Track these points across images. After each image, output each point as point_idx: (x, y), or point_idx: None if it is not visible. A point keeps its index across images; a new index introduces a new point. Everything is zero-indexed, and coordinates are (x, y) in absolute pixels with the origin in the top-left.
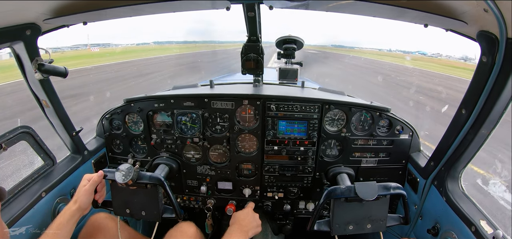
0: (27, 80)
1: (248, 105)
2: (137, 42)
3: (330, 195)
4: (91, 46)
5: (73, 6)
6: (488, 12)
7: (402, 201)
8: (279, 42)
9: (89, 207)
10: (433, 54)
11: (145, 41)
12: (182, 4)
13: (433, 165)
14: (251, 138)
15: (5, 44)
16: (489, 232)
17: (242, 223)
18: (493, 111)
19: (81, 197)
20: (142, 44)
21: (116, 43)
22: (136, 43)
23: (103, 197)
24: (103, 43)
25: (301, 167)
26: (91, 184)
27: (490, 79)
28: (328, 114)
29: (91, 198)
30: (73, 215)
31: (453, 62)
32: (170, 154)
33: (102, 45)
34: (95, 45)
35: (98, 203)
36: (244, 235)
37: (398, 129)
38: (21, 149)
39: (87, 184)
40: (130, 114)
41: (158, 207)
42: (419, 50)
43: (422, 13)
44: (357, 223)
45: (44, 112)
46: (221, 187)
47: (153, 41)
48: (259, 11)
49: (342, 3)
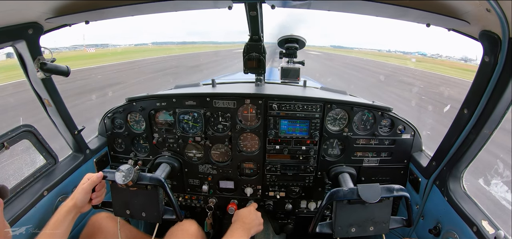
0: (29, 79)
1: (250, 104)
2: (135, 43)
3: (333, 197)
4: (87, 46)
5: (75, 5)
6: (490, 12)
7: (405, 203)
8: (281, 41)
9: (86, 206)
10: (432, 55)
11: (144, 41)
12: (185, 4)
13: (435, 165)
14: (253, 137)
15: (8, 43)
16: (491, 232)
17: (245, 220)
18: (495, 111)
19: (77, 194)
20: (140, 44)
21: (114, 43)
22: (135, 43)
23: (101, 198)
24: (101, 44)
25: (302, 166)
26: (89, 183)
27: (492, 79)
28: (330, 113)
29: (88, 197)
30: (69, 212)
31: (454, 62)
32: (172, 153)
33: (100, 45)
34: (92, 46)
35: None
36: (246, 233)
37: (400, 129)
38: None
39: (86, 183)
40: (132, 113)
41: (159, 208)
42: (419, 51)
43: (424, 13)
44: (359, 225)
45: (46, 111)
46: (222, 186)
47: (151, 41)
48: (261, 10)
49: (345, 3)
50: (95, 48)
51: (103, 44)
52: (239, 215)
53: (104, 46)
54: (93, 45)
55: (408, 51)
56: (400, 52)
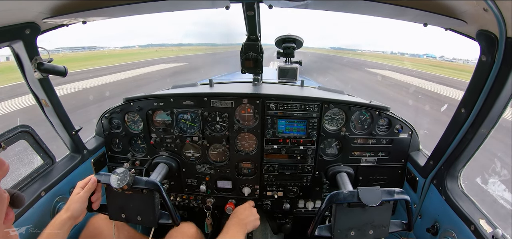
0: (27, 79)
1: (247, 104)
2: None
3: (333, 200)
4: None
5: (72, 5)
6: (487, 12)
7: (406, 206)
8: (279, 41)
9: (82, 215)
10: (440, 57)
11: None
12: (182, 4)
13: (433, 164)
14: (250, 137)
15: (5, 43)
16: (489, 231)
17: (240, 216)
18: (493, 110)
19: (73, 204)
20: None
21: (102, 45)
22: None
23: (99, 201)
24: (89, 46)
25: (300, 166)
26: (86, 191)
27: (490, 78)
28: (328, 113)
29: (85, 205)
30: (63, 224)
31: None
32: (170, 153)
33: (87, 48)
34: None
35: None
36: (242, 228)
37: (397, 128)
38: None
39: (81, 192)
40: (129, 113)
41: (154, 213)
42: (428, 53)
43: (422, 12)
44: (359, 229)
45: (44, 111)
46: (220, 186)
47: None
48: (258, 10)
49: (342, 2)
50: (82, 50)
51: (91, 47)
52: (235, 212)
53: (92, 49)
54: (80, 47)
55: (416, 53)
56: (409, 54)
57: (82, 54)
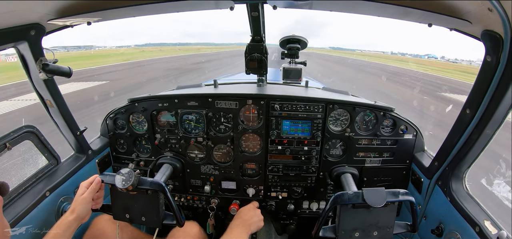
0: (32, 80)
1: (252, 104)
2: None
3: (337, 200)
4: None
5: (77, 6)
6: (492, 12)
7: (410, 208)
8: (283, 41)
9: (88, 215)
10: (441, 57)
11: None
12: (186, 4)
13: (437, 165)
14: (255, 138)
15: (10, 44)
16: (494, 232)
17: (244, 217)
18: (498, 111)
19: (78, 206)
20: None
21: (99, 45)
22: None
23: (100, 202)
24: (84, 46)
25: (305, 166)
26: (90, 192)
27: (495, 79)
28: (332, 113)
29: (90, 206)
30: (69, 226)
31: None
32: (174, 154)
33: (83, 47)
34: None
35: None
36: (246, 229)
37: (402, 129)
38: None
39: (85, 192)
40: (134, 113)
41: (159, 213)
42: (429, 54)
43: (426, 13)
44: (363, 230)
45: (49, 112)
46: (225, 186)
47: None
48: (262, 11)
49: (346, 3)
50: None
51: (86, 46)
52: (239, 212)
53: (88, 48)
54: (76, 46)
55: (417, 54)
56: (411, 55)
57: (75, 53)
